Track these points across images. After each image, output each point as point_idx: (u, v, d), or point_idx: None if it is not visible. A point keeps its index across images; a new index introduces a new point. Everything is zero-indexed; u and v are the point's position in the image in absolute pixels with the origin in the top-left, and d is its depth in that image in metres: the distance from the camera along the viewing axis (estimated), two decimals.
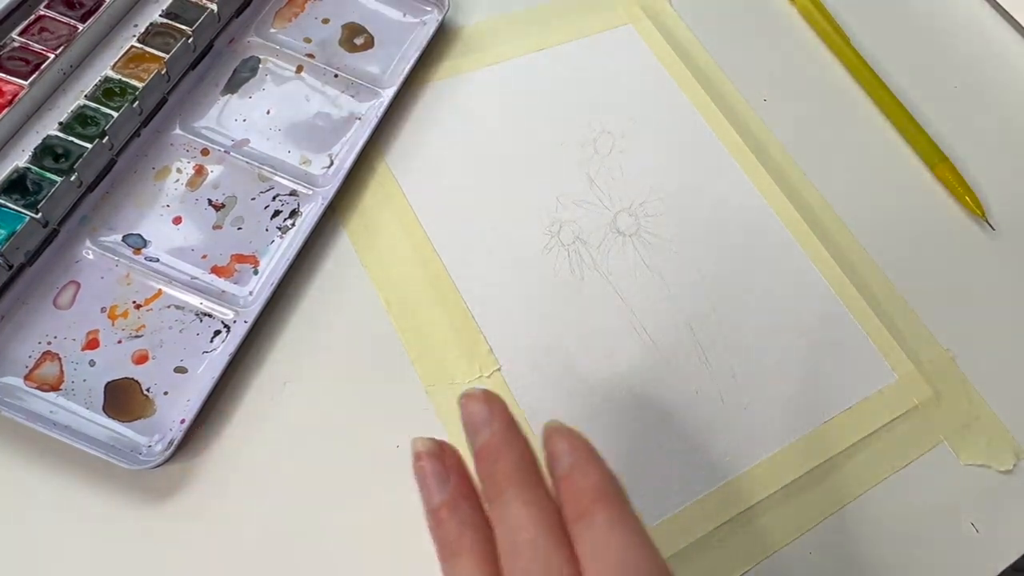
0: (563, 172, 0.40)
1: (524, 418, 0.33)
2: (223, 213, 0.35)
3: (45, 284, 0.32)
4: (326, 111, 0.39)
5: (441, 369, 0.34)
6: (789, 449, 0.34)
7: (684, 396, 0.35)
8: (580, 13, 0.46)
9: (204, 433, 0.31)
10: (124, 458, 0.29)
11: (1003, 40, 0.51)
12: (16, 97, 0.34)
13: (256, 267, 0.34)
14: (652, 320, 0.36)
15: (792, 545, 0.32)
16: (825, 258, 0.39)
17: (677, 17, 0.47)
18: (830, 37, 0.48)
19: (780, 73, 0.46)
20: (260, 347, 0.33)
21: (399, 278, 0.36)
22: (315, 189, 0.36)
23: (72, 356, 0.31)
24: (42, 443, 0.29)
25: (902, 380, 0.37)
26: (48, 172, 0.32)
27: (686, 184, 0.41)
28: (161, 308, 0.33)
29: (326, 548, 0.30)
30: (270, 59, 0.40)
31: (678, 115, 0.43)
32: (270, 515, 0.30)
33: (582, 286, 0.37)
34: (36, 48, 0.35)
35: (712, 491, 0.33)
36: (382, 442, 0.32)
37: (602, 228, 0.39)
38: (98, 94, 0.35)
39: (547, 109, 0.42)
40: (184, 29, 0.37)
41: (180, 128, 0.37)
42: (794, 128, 0.44)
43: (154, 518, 0.29)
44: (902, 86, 0.46)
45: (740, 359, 0.36)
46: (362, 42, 0.42)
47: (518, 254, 0.37)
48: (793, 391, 0.36)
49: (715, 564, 0.31)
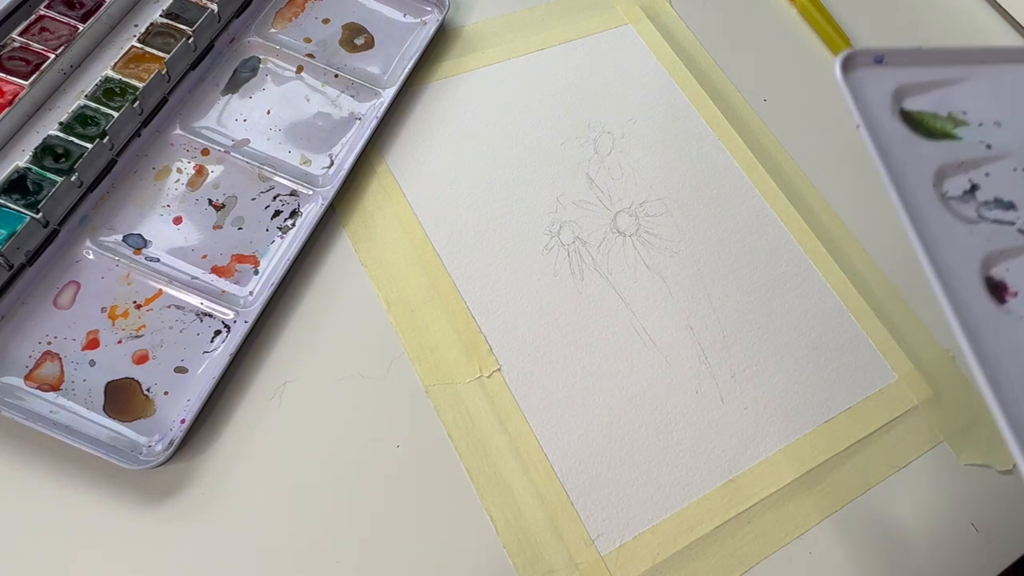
0: (563, 172, 0.40)
1: (524, 418, 0.33)
2: (223, 213, 0.35)
3: (45, 284, 0.32)
4: (326, 111, 0.39)
5: (441, 369, 0.34)
6: (789, 449, 0.34)
7: (684, 396, 0.35)
8: (580, 13, 0.46)
9: (204, 433, 0.31)
10: (124, 458, 0.29)
11: (1003, 40, 0.51)
12: (16, 97, 0.34)
13: (256, 267, 0.34)
14: (652, 320, 0.36)
15: (792, 545, 0.32)
16: (825, 258, 0.39)
17: (677, 17, 0.47)
18: (830, 37, 0.48)
19: (780, 73, 0.46)
20: (260, 347, 0.33)
21: (399, 278, 0.36)
22: (315, 189, 0.36)
23: (72, 356, 0.31)
24: (42, 443, 0.29)
25: (902, 380, 0.37)
26: (48, 172, 0.32)
27: (686, 184, 0.41)
28: (161, 308, 0.33)
29: (326, 547, 0.30)
30: (270, 59, 0.40)
31: (678, 115, 0.43)
32: (270, 515, 0.30)
33: (582, 286, 0.37)
34: (36, 48, 0.35)
35: (712, 491, 0.33)
36: (382, 442, 0.32)
37: (602, 228, 0.39)
38: (98, 94, 0.35)
39: (547, 109, 0.42)
40: (184, 29, 0.37)
41: (180, 128, 0.37)
42: (794, 128, 0.44)
43: (154, 518, 0.29)
44: None
45: (740, 359, 0.36)
46: (362, 42, 0.42)
47: (518, 254, 0.37)
48: (793, 391, 0.36)
49: (715, 564, 0.31)
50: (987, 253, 0.26)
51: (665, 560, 0.31)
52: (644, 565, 0.31)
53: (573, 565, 0.30)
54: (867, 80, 0.28)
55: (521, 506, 0.31)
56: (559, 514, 0.31)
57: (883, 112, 0.28)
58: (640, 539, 0.31)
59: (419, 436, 0.32)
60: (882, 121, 0.28)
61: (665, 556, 0.31)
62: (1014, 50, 0.31)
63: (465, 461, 0.32)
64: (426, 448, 0.32)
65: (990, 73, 0.30)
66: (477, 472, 0.32)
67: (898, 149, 0.27)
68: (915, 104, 0.29)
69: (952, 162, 0.27)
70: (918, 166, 0.27)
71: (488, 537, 0.31)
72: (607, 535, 0.31)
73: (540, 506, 0.31)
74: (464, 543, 0.30)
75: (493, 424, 0.33)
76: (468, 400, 0.33)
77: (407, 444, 0.32)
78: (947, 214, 0.26)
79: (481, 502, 0.31)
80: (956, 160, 0.27)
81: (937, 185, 0.27)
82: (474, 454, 0.32)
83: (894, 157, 0.27)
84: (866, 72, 0.29)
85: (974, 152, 0.28)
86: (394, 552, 0.30)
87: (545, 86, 0.43)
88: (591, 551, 0.31)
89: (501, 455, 0.32)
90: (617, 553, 0.31)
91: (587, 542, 0.31)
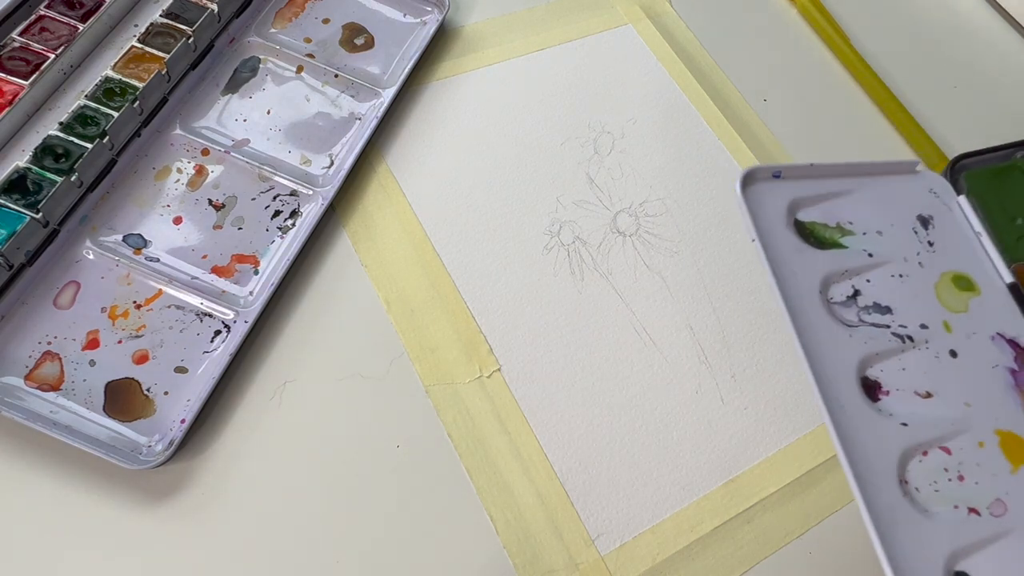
0: (563, 172, 0.40)
1: (524, 418, 0.33)
2: (223, 213, 0.35)
3: (45, 284, 0.32)
4: (326, 111, 0.39)
5: (441, 369, 0.34)
6: (789, 449, 0.34)
7: (684, 396, 0.35)
8: (580, 13, 0.46)
9: (204, 433, 0.31)
10: (124, 458, 0.29)
11: (1003, 40, 0.51)
12: (16, 97, 0.34)
13: (256, 267, 0.34)
14: (652, 320, 0.36)
15: (792, 545, 0.32)
16: None
17: (677, 17, 0.47)
18: (830, 37, 0.48)
19: (780, 73, 0.46)
20: (260, 347, 0.33)
21: (399, 278, 0.36)
22: (315, 189, 0.36)
23: (72, 356, 0.31)
24: (42, 443, 0.29)
25: None
26: (48, 172, 0.32)
27: (686, 184, 0.41)
28: (161, 308, 0.33)
29: (326, 547, 0.30)
30: (270, 59, 0.40)
31: (678, 115, 0.43)
32: (270, 515, 0.30)
33: (582, 286, 0.37)
34: (36, 48, 0.35)
35: (712, 491, 0.33)
36: (382, 442, 0.32)
37: (602, 228, 0.39)
38: (98, 94, 0.35)
39: (547, 109, 0.42)
40: (184, 29, 0.37)
41: (180, 128, 0.37)
42: (794, 128, 0.44)
43: (154, 518, 0.29)
44: (902, 86, 0.46)
45: (740, 359, 0.36)
46: (362, 42, 0.42)
47: (518, 254, 0.37)
48: (793, 391, 0.36)
49: (715, 564, 0.31)
50: (864, 355, 0.28)
51: (665, 560, 0.31)
52: (644, 565, 0.31)
53: (573, 565, 0.30)
54: (765, 194, 0.30)
55: (521, 506, 0.31)
56: (559, 514, 0.31)
57: (778, 223, 0.30)
58: (640, 539, 0.31)
59: (419, 436, 0.32)
60: (777, 232, 0.30)
61: (665, 556, 0.31)
62: (895, 164, 0.33)
63: (465, 461, 0.32)
64: (426, 448, 0.32)
65: (874, 185, 0.32)
66: (477, 472, 0.32)
67: (790, 259, 0.29)
68: (807, 215, 0.31)
69: (837, 270, 0.30)
70: (807, 274, 0.29)
71: (488, 537, 0.31)
72: (607, 535, 0.31)
73: (540, 506, 0.31)
74: (464, 543, 0.30)
75: (493, 424, 0.33)
76: (468, 400, 0.33)
77: (407, 444, 0.32)
78: (830, 319, 0.29)
79: (481, 502, 0.31)
80: (841, 268, 0.30)
81: (823, 291, 0.29)
82: (474, 454, 0.32)
83: (786, 267, 0.29)
84: (764, 186, 0.31)
85: (858, 260, 0.30)
86: (394, 552, 0.30)
87: (545, 86, 0.43)
88: (591, 551, 0.31)
89: (501, 455, 0.32)
90: (617, 553, 0.31)
91: (587, 542, 0.31)
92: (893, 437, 0.26)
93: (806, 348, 0.27)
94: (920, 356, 0.29)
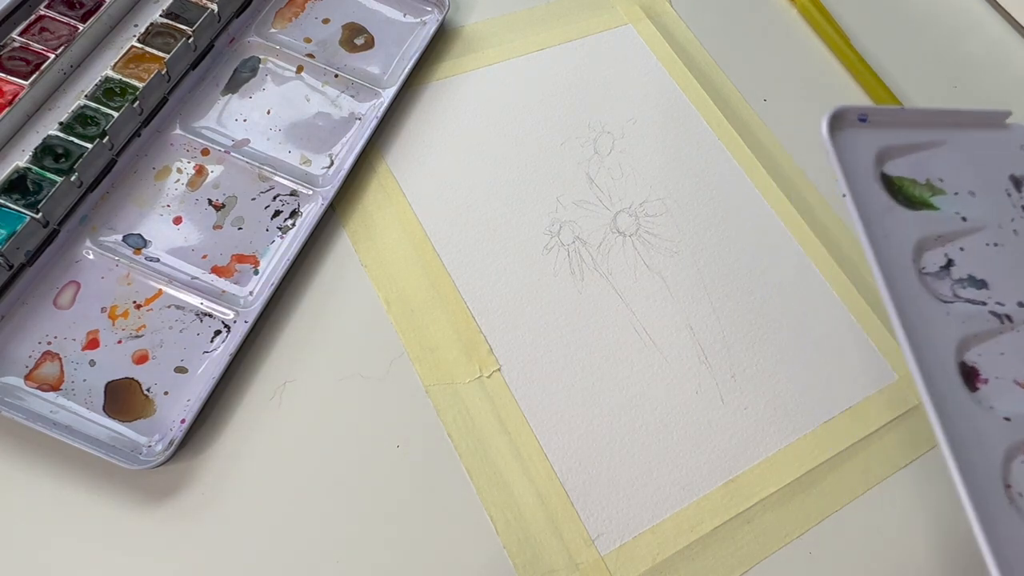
0: (563, 172, 0.40)
1: (524, 418, 0.33)
2: (223, 213, 0.35)
3: (45, 284, 0.32)
4: (326, 111, 0.39)
5: (441, 369, 0.34)
6: (789, 449, 0.34)
7: (684, 396, 0.35)
8: (580, 13, 0.46)
9: (204, 433, 0.31)
10: (124, 458, 0.29)
11: (1003, 40, 0.51)
12: (16, 97, 0.34)
13: (256, 267, 0.34)
14: (652, 320, 0.36)
15: (792, 545, 0.32)
16: (825, 258, 0.39)
17: (677, 17, 0.47)
18: (830, 37, 0.48)
19: (780, 73, 0.46)
20: (260, 347, 0.33)
21: (399, 278, 0.36)
22: (315, 189, 0.36)
23: (72, 356, 0.31)
24: (42, 443, 0.29)
25: (902, 380, 0.37)
26: (48, 172, 0.32)
27: (686, 184, 0.41)
28: (161, 308, 0.33)
29: (326, 547, 0.30)
30: (270, 59, 0.40)
31: (678, 115, 0.43)
32: (270, 515, 0.30)
33: (582, 286, 0.37)
34: (36, 48, 0.35)
35: (712, 491, 0.33)
36: (382, 442, 0.32)
37: (602, 228, 0.39)
38: (98, 94, 0.35)
39: (547, 109, 0.42)
40: (184, 29, 0.37)
41: (180, 128, 0.37)
42: (794, 128, 0.44)
43: (154, 518, 0.29)
44: (902, 86, 0.46)
45: (740, 359, 0.36)
46: (362, 42, 0.42)
47: (518, 254, 0.37)
48: (793, 391, 0.36)
49: (715, 564, 0.31)
50: (962, 337, 0.25)
51: (665, 560, 0.31)
52: (644, 565, 0.31)
53: (573, 565, 0.30)
54: (851, 139, 0.27)
55: (521, 506, 0.31)
56: (559, 514, 0.31)
57: (866, 176, 0.27)
58: (640, 539, 0.31)
59: (419, 436, 0.32)
60: (865, 186, 0.27)
61: (665, 556, 0.31)
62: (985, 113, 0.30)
63: (465, 461, 0.32)
64: (426, 448, 0.32)
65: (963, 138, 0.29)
66: (477, 472, 0.32)
67: (880, 219, 0.26)
68: (895, 168, 0.28)
69: (930, 235, 0.27)
70: (899, 239, 0.26)
71: (488, 537, 0.31)
72: (607, 535, 0.31)
73: (540, 506, 0.31)
74: (464, 543, 0.30)
75: (493, 424, 0.33)
76: (468, 400, 0.33)
77: (407, 444, 0.32)
78: (925, 293, 0.25)
79: (481, 502, 0.31)
80: (934, 233, 0.27)
81: (916, 260, 0.26)
82: (474, 454, 0.32)
83: (877, 227, 0.26)
84: (851, 132, 0.27)
85: (951, 225, 0.27)
86: (394, 552, 0.30)
87: (545, 86, 0.43)
88: (591, 551, 0.31)
89: (501, 455, 0.32)
90: (617, 553, 0.31)
91: (587, 542, 0.31)
92: (996, 434, 0.23)
93: (906, 329, 0.23)
94: (1019, 339, 0.25)
